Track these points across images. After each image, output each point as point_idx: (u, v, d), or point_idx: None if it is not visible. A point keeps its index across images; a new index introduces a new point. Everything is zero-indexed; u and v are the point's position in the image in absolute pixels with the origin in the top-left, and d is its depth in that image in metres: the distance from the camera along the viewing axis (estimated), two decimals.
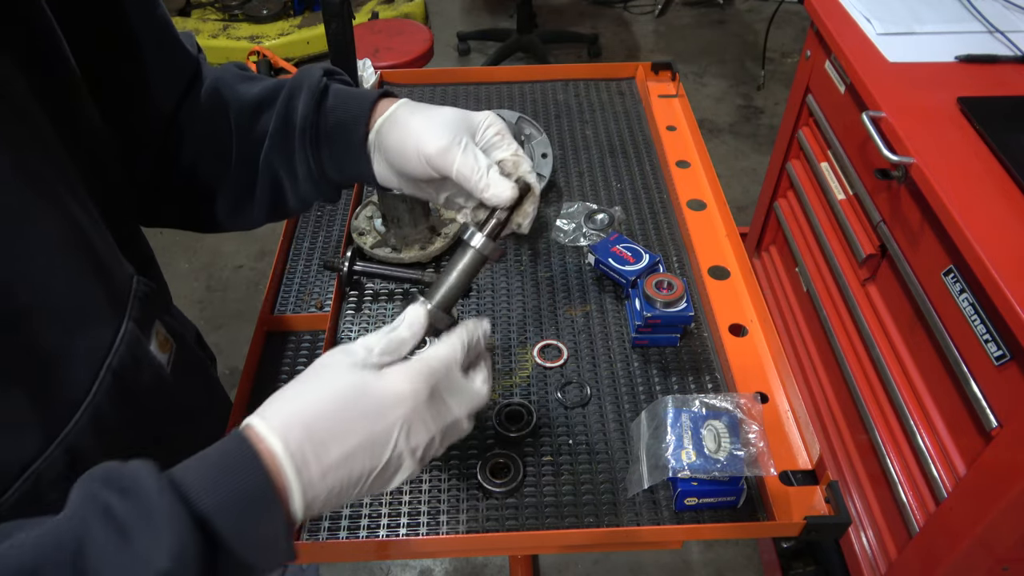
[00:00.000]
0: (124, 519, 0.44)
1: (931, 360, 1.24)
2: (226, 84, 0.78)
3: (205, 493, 0.47)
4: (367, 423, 0.54)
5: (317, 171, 0.75)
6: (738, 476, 0.77)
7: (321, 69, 0.76)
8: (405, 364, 0.58)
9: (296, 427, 0.52)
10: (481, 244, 0.67)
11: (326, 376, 0.56)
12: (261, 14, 3.91)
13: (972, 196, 1.11)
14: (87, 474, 0.48)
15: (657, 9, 4.36)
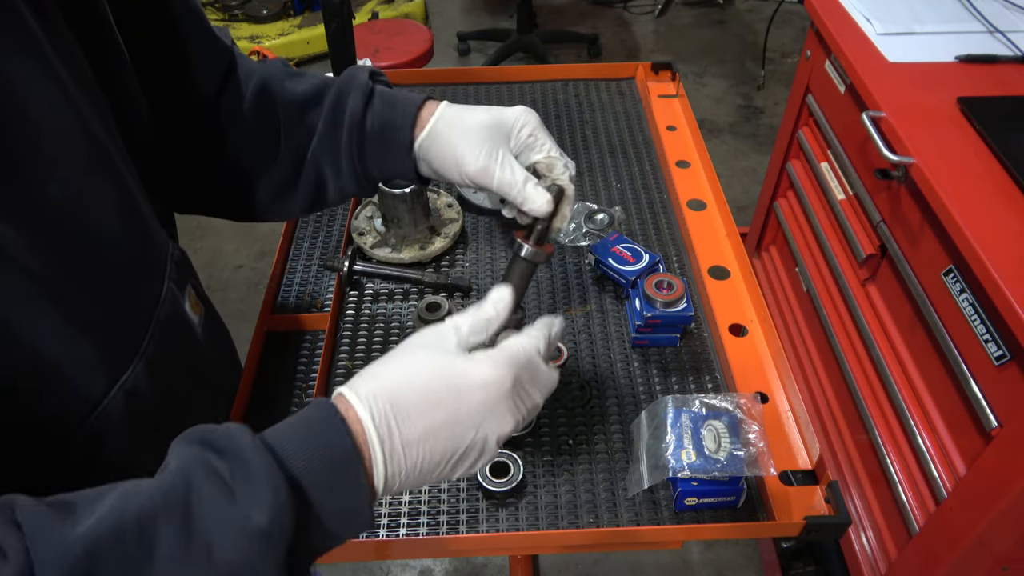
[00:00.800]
0: (226, 477, 0.47)
1: (931, 360, 1.24)
2: (275, 79, 0.82)
3: (296, 456, 0.49)
4: (453, 403, 0.55)
5: (361, 169, 0.80)
6: (738, 476, 0.77)
7: (367, 71, 0.81)
8: (492, 351, 0.60)
9: (383, 399, 0.53)
10: (530, 254, 0.73)
11: (419, 354, 0.58)
12: (261, 14, 3.91)
13: (972, 196, 1.11)
14: (184, 435, 0.51)
15: (657, 9, 4.36)
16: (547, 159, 0.77)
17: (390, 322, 1.03)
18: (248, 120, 0.81)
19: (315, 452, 0.50)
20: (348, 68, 0.84)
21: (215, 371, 0.82)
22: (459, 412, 0.55)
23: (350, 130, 0.78)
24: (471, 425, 0.56)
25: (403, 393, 0.54)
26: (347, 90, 0.80)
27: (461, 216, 1.15)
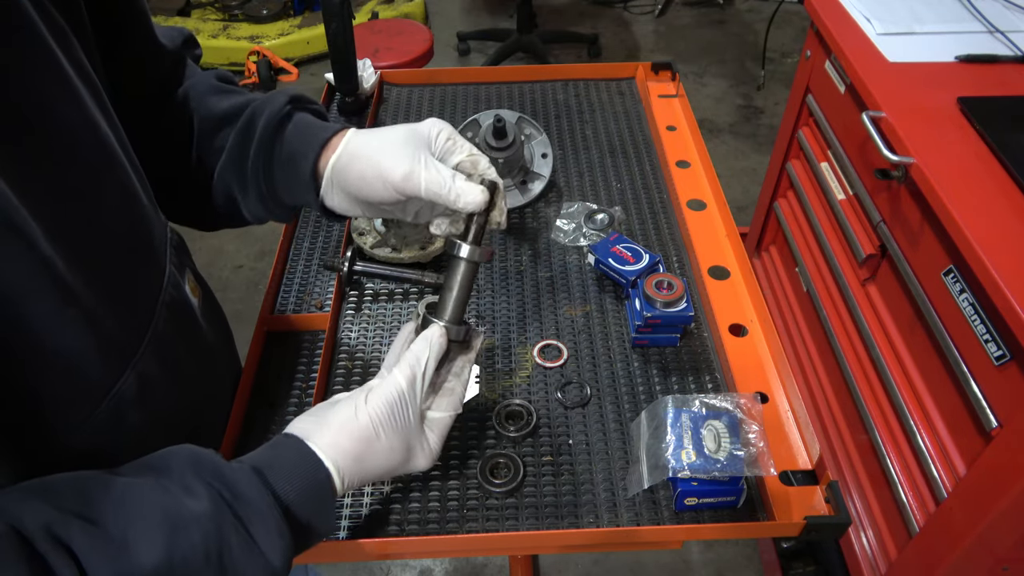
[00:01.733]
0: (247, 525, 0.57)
1: (931, 360, 1.24)
2: (197, 93, 0.82)
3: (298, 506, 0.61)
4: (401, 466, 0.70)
5: (268, 194, 0.79)
6: (738, 476, 0.77)
7: (287, 96, 0.79)
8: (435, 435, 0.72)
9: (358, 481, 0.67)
10: (469, 253, 0.71)
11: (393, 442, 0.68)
12: (261, 14, 3.91)
13: (972, 196, 1.11)
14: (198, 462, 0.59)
15: (657, 9, 4.36)
16: (470, 157, 0.75)
17: (390, 322, 1.03)
18: (165, 126, 0.81)
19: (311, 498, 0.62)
20: (272, 92, 0.81)
21: (216, 353, 0.85)
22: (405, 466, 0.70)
23: (256, 153, 0.76)
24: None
25: (373, 473, 0.67)
26: (260, 112, 0.78)
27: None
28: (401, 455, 0.67)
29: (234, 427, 0.87)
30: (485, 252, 0.72)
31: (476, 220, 0.72)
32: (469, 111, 1.40)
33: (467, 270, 0.71)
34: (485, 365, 0.97)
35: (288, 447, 0.64)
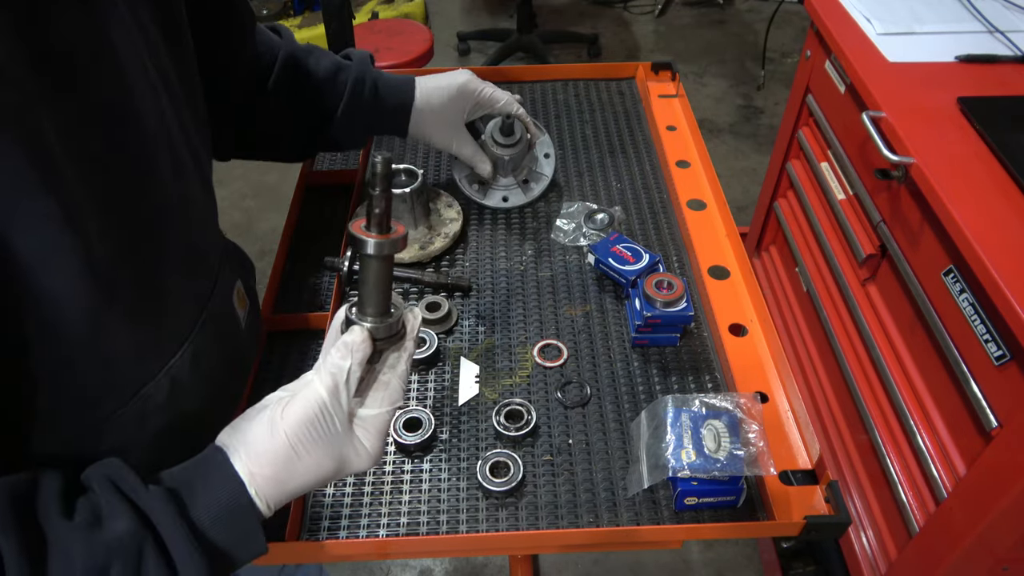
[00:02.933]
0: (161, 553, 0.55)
1: (931, 360, 1.24)
2: (301, 55, 1.01)
3: (215, 532, 0.58)
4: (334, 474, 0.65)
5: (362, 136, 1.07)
6: (738, 476, 0.77)
7: (369, 56, 1.06)
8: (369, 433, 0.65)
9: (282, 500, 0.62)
10: (375, 249, 0.62)
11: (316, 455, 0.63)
12: (261, 14, 3.90)
13: (972, 196, 1.11)
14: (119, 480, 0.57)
15: (657, 9, 4.36)
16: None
17: None
18: (272, 90, 0.96)
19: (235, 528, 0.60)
20: (351, 52, 1.05)
21: (248, 363, 0.88)
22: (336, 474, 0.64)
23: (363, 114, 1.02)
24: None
25: (301, 489, 0.63)
26: (361, 78, 1.02)
27: (461, 216, 1.15)
28: (331, 466, 0.62)
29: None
30: (392, 242, 0.62)
31: (375, 204, 0.61)
32: None
33: (378, 267, 0.63)
34: (485, 365, 0.97)
35: (212, 466, 0.61)
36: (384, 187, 0.60)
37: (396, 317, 0.65)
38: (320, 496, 0.83)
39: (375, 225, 0.61)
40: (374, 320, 0.64)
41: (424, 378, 0.96)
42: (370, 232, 0.61)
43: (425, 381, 0.96)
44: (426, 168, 1.27)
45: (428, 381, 0.96)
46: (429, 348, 0.97)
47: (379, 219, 0.61)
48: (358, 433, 0.64)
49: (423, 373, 0.97)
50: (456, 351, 0.99)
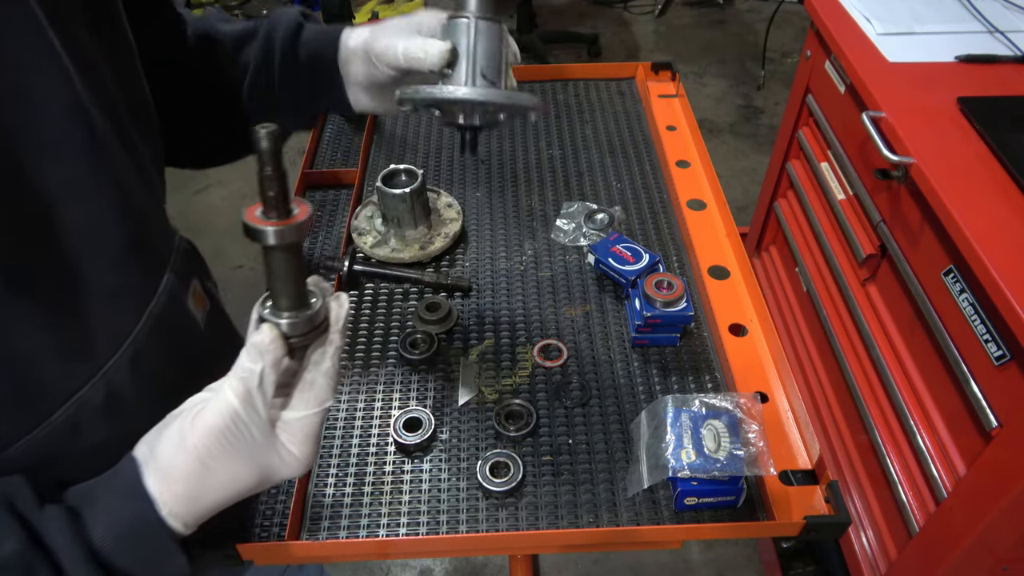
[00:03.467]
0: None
1: (931, 360, 1.24)
2: (211, 25, 0.86)
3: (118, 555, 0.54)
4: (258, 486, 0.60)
5: (294, 97, 0.83)
6: (738, 476, 0.77)
7: (298, 11, 0.85)
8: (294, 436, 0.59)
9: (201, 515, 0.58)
10: (275, 237, 0.52)
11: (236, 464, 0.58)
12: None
13: (972, 196, 1.11)
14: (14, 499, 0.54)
15: (657, 9, 4.36)
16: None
17: (390, 322, 1.03)
18: (193, 65, 0.84)
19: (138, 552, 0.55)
20: (277, 10, 0.89)
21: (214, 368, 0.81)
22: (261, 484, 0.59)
23: (283, 58, 0.82)
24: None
25: (220, 504, 0.58)
26: (276, 24, 0.84)
27: (461, 216, 1.15)
28: (252, 478, 0.57)
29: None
30: (294, 228, 0.52)
31: (267, 186, 0.51)
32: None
33: (282, 256, 0.54)
34: (485, 365, 0.97)
35: (120, 481, 0.56)
36: (274, 164, 0.50)
37: (316, 308, 0.57)
38: (320, 496, 0.83)
39: (272, 209, 0.52)
40: (290, 315, 0.56)
41: (424, 378, 0.96)
42: (268, 219, 0.52)
43: (425, 381, 0.96)
44: (426, 168, 1.27)
45: (428, 381, 0.96)
46: (429, 348, 0.97)
47: (275, 202, 0.52)
48: (283, 438, 0.58)
49: (423, 373, 0.97)
50: (456, 351, 0.99)
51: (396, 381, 0.95)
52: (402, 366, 0.97)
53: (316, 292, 0.58)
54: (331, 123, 1.37)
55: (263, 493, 0.83)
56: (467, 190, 1.24)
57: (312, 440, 0.59)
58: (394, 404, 0.93)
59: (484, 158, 1.29)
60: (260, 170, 0.51)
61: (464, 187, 1.24)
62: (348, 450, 0.88)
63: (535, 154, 1.31)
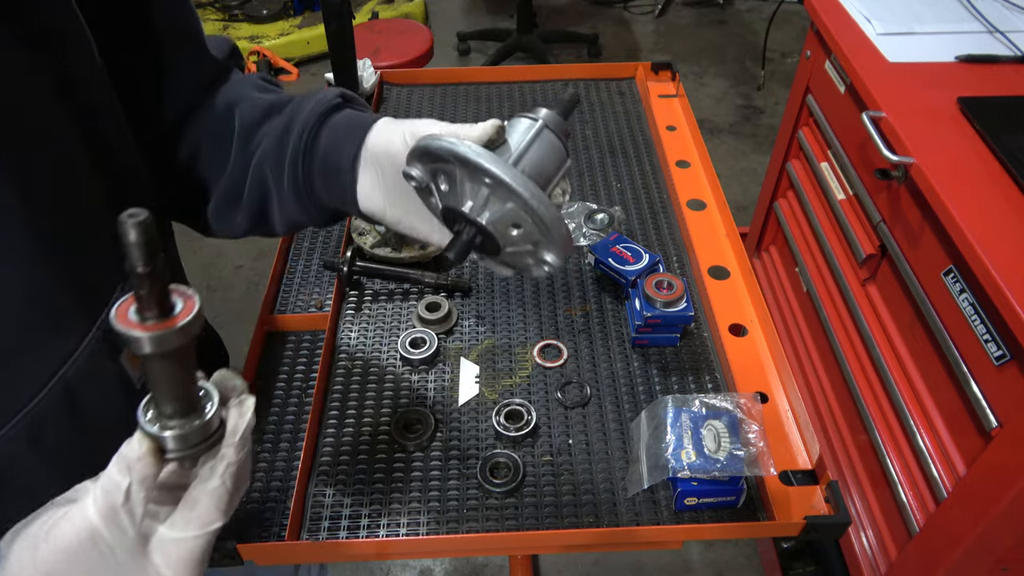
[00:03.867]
0: None
1: (931, 360, 1.24)
2: (242, 86, 0.77)
3: None
4: None
5: (305, 187, 0.70)
6: (738, 476, 0.77)
7: (339, 91, 0.72)
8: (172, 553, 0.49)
9: None
10: (153, 344, 0.42)
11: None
12: (261, 14, 3.91)
13: (972, 196, 1.11)
14: None
15: (657, 9, 4.36)
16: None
17: (390, 322, 1.03)
18: (207, 124, 0.75)
19: None
20: (321, 88, 0.76)
21: None
22: None
23: (300, 136, 0.69)
24: None
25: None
26: (307, 101, 0.71)
27: None
28: None
29: None
30: (179, 331, 0.42)
31: (139, 285, 0.41)
32: (469, 111, 1.41)
33: (164, 364, 0.44)
34: (485, 365, 0.97)
35: None
36: (146, 258, 0.40)
37: (208, 417, 0.47)
38: (320, 496, 0.83)
39: (148, 308, 0.42)
40: (178, 423, 0.46)
41: (424, 378, 0.96)
42: (143, 320, 0.42)
43: (425, 381, 0.96)
44: None
45: (428, 381, 0.96)
46: (429, 348, 0.97)
47: (151, 302, 0.42)
48: (156, 560, 0.48)
49: (423, 373, 0.97)
50: (456, 351, 0.99)
51: (396, 381, 0.96)
52: (402, 366, 0.97)
53: (212, 395, 0.48)
54: None
55: (262, 493, 0.83)
56: None
57: (192, 566, 0.49)
58: (394, 404, 0.93)
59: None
60: (129, 266, 0.40)
61: None
62: (348, 450, 0.88)
63: None
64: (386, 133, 0.67)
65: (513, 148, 0.62)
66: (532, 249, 0.61)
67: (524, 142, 0.62)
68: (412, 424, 0.89)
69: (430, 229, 0.69)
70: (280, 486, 0.84)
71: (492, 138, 0.62)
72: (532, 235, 0.60)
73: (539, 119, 0.63)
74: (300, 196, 0.71)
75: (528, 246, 0.61)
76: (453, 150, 0.58)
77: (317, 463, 0.86)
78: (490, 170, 0.57)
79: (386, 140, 0.67)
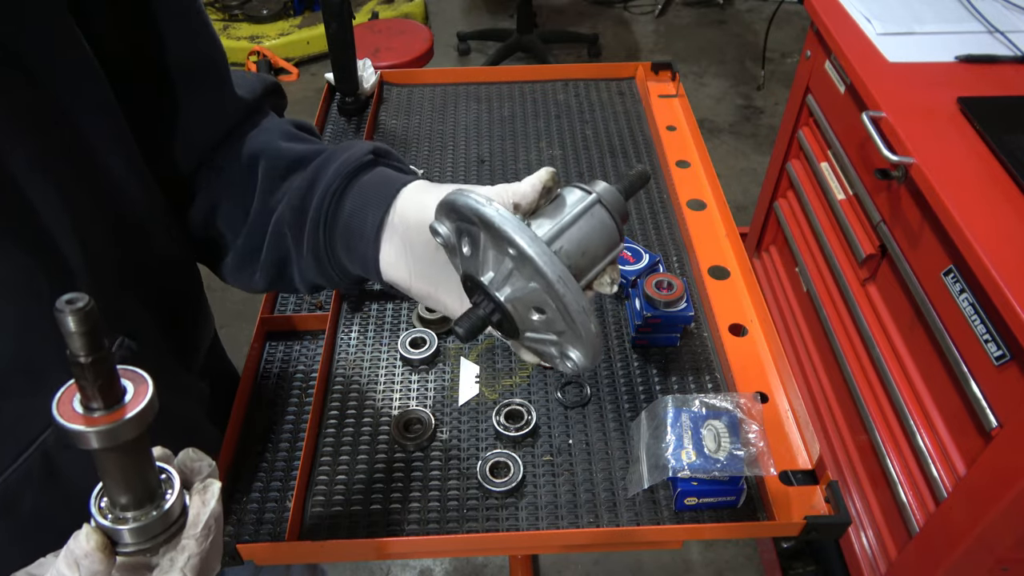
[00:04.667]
0: None
1: (931, 360, 1.24)
2: (268, 135, 0.72)
3: None
4: None
5: (327, 251, 0.65)
6: (738, 476, 0.77)
7: (371, 145, 0.67)
8: None
9: None
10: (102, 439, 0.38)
11: None
12: (261, 14, 3.91)
13: (972, 196, 1.11)
14: None
15: (657, 9, 4.36)
16: None
17: (390, 322, 1.03)
18: (229, 173, 0.71)
19: None
20: (353, 141, 0.72)
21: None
22: None
23: (322, 200, 0.63)
24: None
25: None
26: (335, 157, 0.65)
27: None
28: None
29: (234, 429, 0.87)
30: (130, 423, 0.38)
31: (83, 375, 0.37)
32: (470, 111, 1.41)
33: (114, 456, 0.40)
34: (485, 365, 0.97)
35: None
36: (88, 348, 0.36)
37: (168, 506, 0.43)
38: (320, 496, 0.83)
39: (92, 399, 0.38)
40: (133, 515, 0.43)
41: (424, 378, 0.96)
42: (89, 412, 0.38)
43: (425, 381, 0.96)
44: (427, 168, 1.27)
45: (428, 381, 0.96)
46: (429, 348, 0.97)
47: (96, 393, 0.38)
48: None
49: (423, 373, 0.97)
50: (456, 351, 0.99)
51: (396, 381, 0.96)
52: (402, 366, 0.97)
53: (174, 480, 0.44)
54: (331, 123, 1.37)
55: (262, 493, 0.83)
56: None
57: None
58: (394, 404, 0.93)
59: (485, 157, 1.29)
60: (70, 355, 0.37)
61: None
62: (348, 450, 0.88)
63: (535, 154, 1.31)
64: (417, 199, 0.61)
65: (555, 220, 0.55)
66: (556, 340, 0.54)
67: (570, 215, 0.55)
68: (412, 424, 0.89)
69: (461, 306, 0.60)
70: (280, 486, 0.84)
71: (538, 195, 0.55)
72: (555, 324, 0.53)
73: (593, 192, 0.57)
74: (321, 262, 0.66)
75: (551, 335, 0.54)
76: (478, 209, 0.51)
77: (317, 463, 0.86)
78: (514, 239, 0.49)
79: (416, 207, 0.60)
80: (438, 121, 1.36)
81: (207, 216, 0.72)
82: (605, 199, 0.56)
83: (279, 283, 0.72)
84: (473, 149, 1.31)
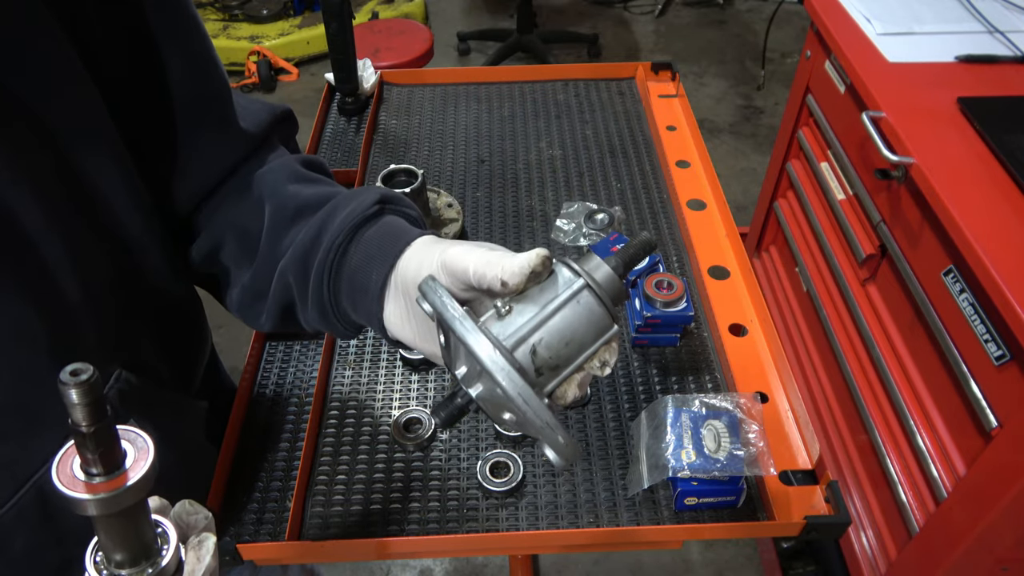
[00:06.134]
0: None
1: (931, 360, 1.24)
2: (275, 179, 0.70)
3: None
4: None
5: (331, 302, 0.65)
6: (738, 476, 0.77)
7: (378, 193, 0.65)
8: None
9: None
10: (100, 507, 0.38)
11: None
12: (261, 14, 3.91)
13: (972, 196, 1.11)
14: None
15: (657, 9, 4.36)
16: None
17: None
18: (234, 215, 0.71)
19: None
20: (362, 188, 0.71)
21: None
22: None
23: (326, 254, 0.63)
24: None
25: None
26: (342, 206, 0.65)
27: (461, 216, 1.15)
28: None
29: (233, 429, 0.87)
30: (130, 490, 0.38)
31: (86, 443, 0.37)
32: (470, 111, 1.41)
33: (109, 522, 0.40)
34: None
35: None
36: (91, 419, 0.36)
37: (164, 563, 0.44)
38: (320, 496, 0.83)
39: (93, 466, 0.38)
40: (128, 572, 0.43)
41: (424, 378, 0.96)
42: (89, 478, 0.38)
43: (425, 381, 0.96)
44: (426, 168, 1.27)
45: (428, 381, 0.96)
46: None
47: (96, 460, 0.38)
48: None
49: (423, 373, 0.97)
50: None
51: (396, 381, 0.96)
52: (402, 367, 0.97)
53: (169, 535, 0.45)
54: (330, 123, 1.37)
55: (262, 493, 0.83)
56: (467, 190, 1.24)
57: None
58: (394, 404, 0.93)
59: (485, 157, 1.29)
60: (71, 424, 0.36)
61: (464, 187, 1.24)
62: (348, 450, 0.88)
63: (535, 154, 1.31)
64: (417, 259, 0.60)
65: (539, 307, 0.53)
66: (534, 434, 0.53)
67: (554, 304, 0.53)
68: (412, 424, 0.89)
69: None
70: (280, 486, 0.84)
71: (525, 279, 0.53)
72: (527, 427, 0.52)
73: (582, 276, 0.54)
74: (326, 314, 0.66)
75: (529, 430, 0.53)
76: (440, 313, 0.50)
77: (317, 463, 0.86)
78: (473, 351, 0.49)
79: (416, 268, 0.59)
80: (438, 121, 1.36)
81: (211, 253, 0.72)
82: (597, 282, 0.54)
83: (286, 326, 0.72)
84: (473, 149, 1.31)
